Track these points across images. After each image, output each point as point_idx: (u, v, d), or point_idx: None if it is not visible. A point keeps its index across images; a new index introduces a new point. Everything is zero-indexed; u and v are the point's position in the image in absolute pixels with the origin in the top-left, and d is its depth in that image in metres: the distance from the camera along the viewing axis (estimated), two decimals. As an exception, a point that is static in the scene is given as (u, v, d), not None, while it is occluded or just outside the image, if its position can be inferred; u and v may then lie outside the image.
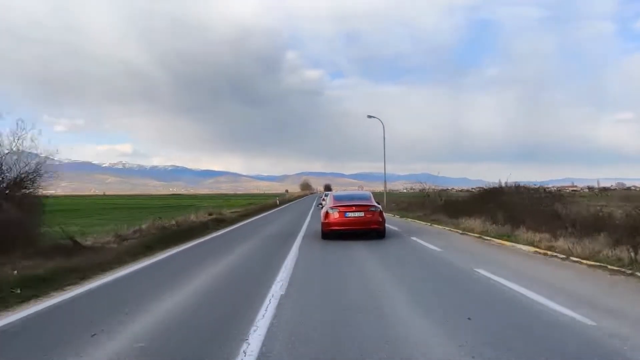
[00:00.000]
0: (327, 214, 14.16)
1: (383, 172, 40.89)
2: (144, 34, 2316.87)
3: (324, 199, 51.04)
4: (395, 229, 18.69)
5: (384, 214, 15.00)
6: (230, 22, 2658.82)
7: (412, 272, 9.05)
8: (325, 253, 11.88)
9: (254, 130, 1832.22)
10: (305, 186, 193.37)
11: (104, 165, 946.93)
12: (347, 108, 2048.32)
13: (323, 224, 14.31)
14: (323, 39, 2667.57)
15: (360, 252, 11.85)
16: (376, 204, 14.56)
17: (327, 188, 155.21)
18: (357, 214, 13.86)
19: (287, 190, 63.56)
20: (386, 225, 15.15)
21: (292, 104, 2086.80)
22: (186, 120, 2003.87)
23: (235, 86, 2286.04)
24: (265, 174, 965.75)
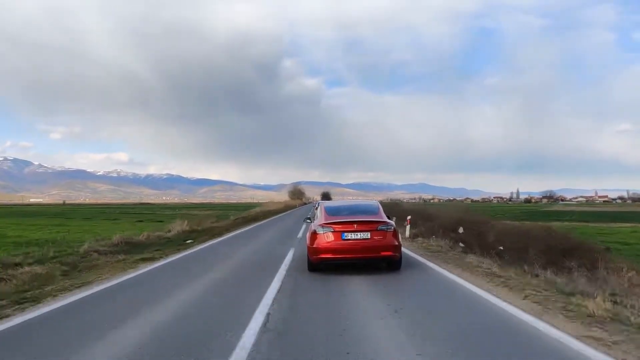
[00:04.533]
0: (315, 235, 9.77)
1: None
2: (141, 40, 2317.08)
3: (317, 208, 44.81)
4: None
5: (399, 235, 10.30)
6: (228, 28, 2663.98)
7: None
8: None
9: (250, 139, 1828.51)
10: (297, 194, 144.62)
11: (98, 173, 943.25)
12: (345, 117, 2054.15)
13: (310, 250, 9.88)
14: (322, 47, 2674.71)
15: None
16: (388, 220, 10.08)
17: (325, 197, 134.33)
18: (360, 235, 9.50)
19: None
20: None
21: (289, 113, 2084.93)
22: (183, 129, 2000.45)
23: (233, 94, 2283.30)
24: (262, 183, 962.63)
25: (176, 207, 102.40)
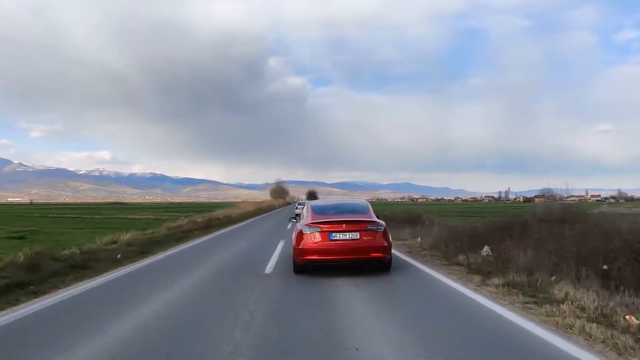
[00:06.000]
0: (301, 236, 9.38)
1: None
2: (124, 38, 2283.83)
3: (297, 208, 40.84)
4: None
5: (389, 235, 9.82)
6: (213, 27, 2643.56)
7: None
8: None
9: (235, 138, 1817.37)
10: (279, 192, 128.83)
11: (80, 172, 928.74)
12: (330, 116, 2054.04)
13: (296, 251, 9.53)
14: (307, 46, 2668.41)
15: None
16: (378, 220, 9.74)
17: (312, 196, 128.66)
18: (348, 236, 9.16)
19: None
20: None
21: (275, 112, 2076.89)
22: (167, 127, 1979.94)
23: (218, 93, 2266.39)
24: (247, 183, 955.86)
25: (125, 209, 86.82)
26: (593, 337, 4.97)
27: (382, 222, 9.69)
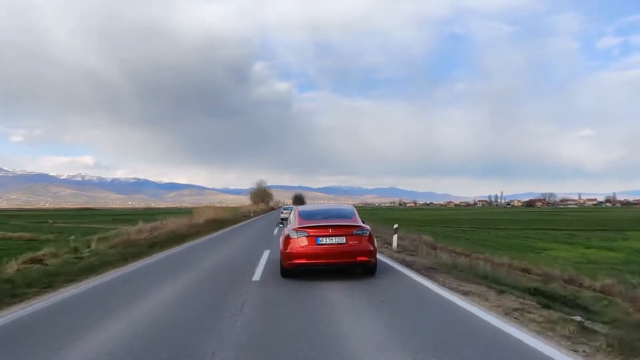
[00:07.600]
0: (288, 240, 9.50)
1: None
2: (106, 40, 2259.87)
3: (283, 212, 38.88)
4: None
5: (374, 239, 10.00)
6: (198, 30, 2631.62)
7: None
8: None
9: (221, 142, 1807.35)
10: (261, 196, 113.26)
11: (61, 177, 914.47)
12: (316, 121, 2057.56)
13: (283, 255, 9.64)
14: (293, 50, 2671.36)
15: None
16: (363, 224, 9.80)
17: (298, 200, 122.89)
18: (335, 240, 9.27)
19: None
20: None
21: (260, 116, 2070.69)
22: (152, 132, 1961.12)
23: (203, 97, 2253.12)
24: (232, 188, 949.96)
25: (49, 217, 75.69)
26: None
27: (368, 227, 9.80)
